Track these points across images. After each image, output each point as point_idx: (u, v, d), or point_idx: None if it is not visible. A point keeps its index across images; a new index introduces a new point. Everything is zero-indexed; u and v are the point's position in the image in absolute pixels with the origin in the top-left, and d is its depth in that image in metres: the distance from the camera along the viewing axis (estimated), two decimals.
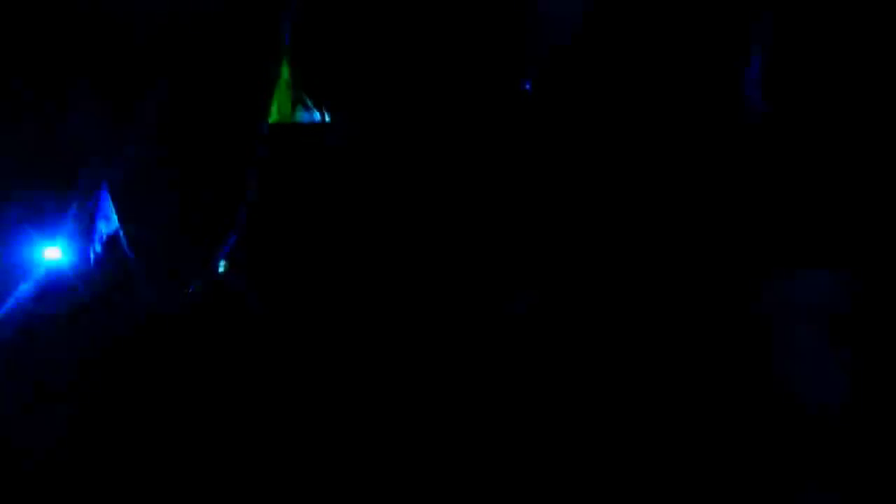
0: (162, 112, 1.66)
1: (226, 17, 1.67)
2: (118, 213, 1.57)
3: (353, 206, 1.61)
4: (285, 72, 1.46)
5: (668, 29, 1.68)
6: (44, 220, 1.55)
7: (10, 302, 1.48)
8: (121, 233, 1.57)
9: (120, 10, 1.63)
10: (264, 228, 1.71)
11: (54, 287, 1.59)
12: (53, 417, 1.68)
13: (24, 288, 1.51)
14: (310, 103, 1.59)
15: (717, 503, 1.62)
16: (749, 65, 1.29)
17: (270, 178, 1.43)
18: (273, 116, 1.45)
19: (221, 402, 1.73)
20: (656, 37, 1.72)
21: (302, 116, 1.57)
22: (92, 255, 1.59)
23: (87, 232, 1.61)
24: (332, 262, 1.57)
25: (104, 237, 1.57)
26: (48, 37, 1.63)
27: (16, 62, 1.55)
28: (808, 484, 1.40)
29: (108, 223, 1.57)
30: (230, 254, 1.54)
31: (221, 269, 1.70)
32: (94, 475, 1.72)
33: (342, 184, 1.62)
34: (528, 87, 1.28)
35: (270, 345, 1.71)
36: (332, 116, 1.63)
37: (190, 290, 1.47)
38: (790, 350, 1.45)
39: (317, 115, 1.62)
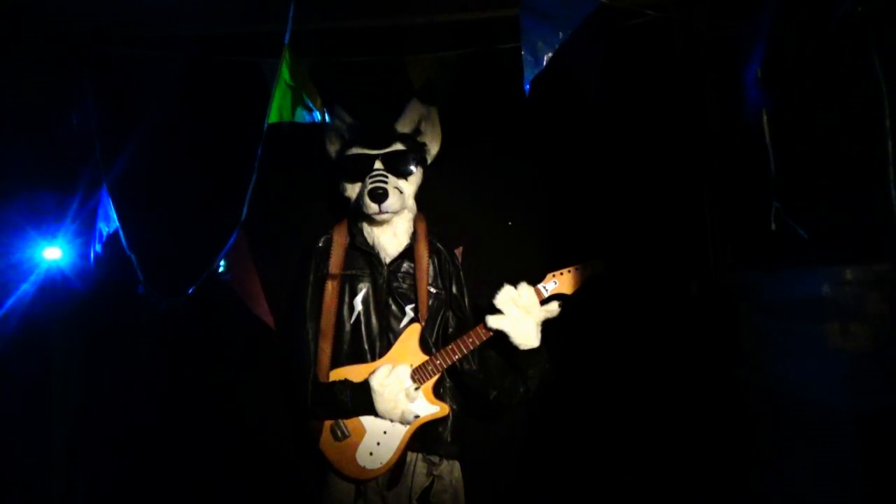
0: (164, 115, 1.67)
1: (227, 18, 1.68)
2: (118, 213, 1.57)
3: (352, 203, 1.60)
4: (285, 72, 1.45)
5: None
6: (44, 220, 1.56)
7: (11, 302, 1.49)
8: (121, 233, 1.57)
9: (124, 14, 1.64)
10: (264, 228, 1.71)
11: (54, 287, 1.60)
12: (54, 415, 1.69)
13: (25, 288, 1.51)
14: (310, 103, 1.58)
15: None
16: (750, 65, 1.28)
17: (270, 177, 1.43)
18: (273, 116, 1.44)
19: (220, 399, 1.74)
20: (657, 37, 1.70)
21: (302, 116, 1.56)
22: (92, 255, 1.60)
23: (87, 232, 1.62)
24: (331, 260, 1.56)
25: (104, 237, 1.58)
26: (49, 38, 1.64)
27: (17, 63, 1.56)
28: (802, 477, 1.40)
29: (108, 223, 1.57)
30: (230, 253, 1.54)
31: (221, 269, 1.70)
32: (95, 472, 1.73)
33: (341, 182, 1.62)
34: (527, 87, 1.28)
35: (269, 342, 1.72)
36: (331, 118, 1.62)
37: (190, 291, 1.47)
38: (784, 346, 1.45)
39: (317, 115, 1.61)
